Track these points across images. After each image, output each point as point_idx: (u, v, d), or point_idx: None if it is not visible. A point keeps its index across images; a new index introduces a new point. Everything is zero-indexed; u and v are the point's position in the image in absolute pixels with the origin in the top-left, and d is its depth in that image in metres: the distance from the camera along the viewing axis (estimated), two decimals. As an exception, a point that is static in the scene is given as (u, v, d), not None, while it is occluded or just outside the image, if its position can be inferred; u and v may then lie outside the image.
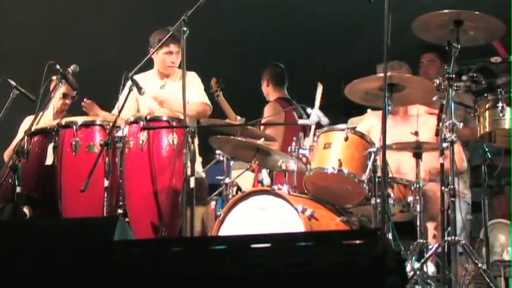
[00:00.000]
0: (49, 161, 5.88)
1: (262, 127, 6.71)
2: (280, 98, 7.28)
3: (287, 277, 2.70)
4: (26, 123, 6.93)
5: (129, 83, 5.56)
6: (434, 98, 5.08)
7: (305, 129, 6.93)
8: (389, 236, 4.70)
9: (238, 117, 6.65)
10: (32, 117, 6.75)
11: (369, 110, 6.65)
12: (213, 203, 6.85)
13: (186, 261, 2.92)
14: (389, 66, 4.87)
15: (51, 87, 6.26)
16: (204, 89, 6.42)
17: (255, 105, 7.19)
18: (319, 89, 5.68)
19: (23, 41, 8.59)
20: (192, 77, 6.24)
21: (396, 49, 4.64)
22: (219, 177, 5.98)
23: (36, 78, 6.44)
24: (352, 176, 5.21)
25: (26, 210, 5.82)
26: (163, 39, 5.76)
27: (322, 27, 8.69)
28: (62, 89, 6.66)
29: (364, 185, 5.18)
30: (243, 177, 6.39)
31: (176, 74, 6.35)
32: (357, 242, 2.72)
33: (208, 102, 6.35)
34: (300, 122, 5.83)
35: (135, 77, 5.72)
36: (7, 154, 6.88)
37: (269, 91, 7.36)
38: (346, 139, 5.29)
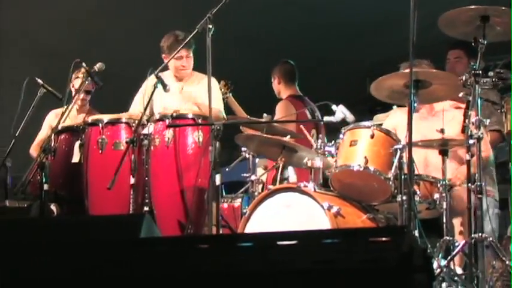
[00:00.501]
0: (76, 158, 5.93)
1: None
2: (292, 95, 7.25)
3: (313, 274, 2.69)
4: (50, 118, 6.98)
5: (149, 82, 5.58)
6: (460, 95, 5.04)
7: (317, 126, 6.93)
8: (416, 233, 4.67)
9: (265, 115, 6.64)
10: (56, 111, 6.82)
11: (394, 107, 6.61)
12: (238, 201, 6.87)
13: (212, 258, 2.92)
14: (409, 65, 4.82)
15: (73, 84, 6.32)
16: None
17: (277, 102, 7.18)
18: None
19: (51, 39, 8.65)
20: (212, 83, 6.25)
21: (422, 45, 4.61)
22: (245, 175, 5.98)
23: (62, 76, 6.51)
24: (378, 174, 5.19)
25: (53, 207, 5.86)
26: (179, 46, 5.81)
27: (347, 24, 8.66)
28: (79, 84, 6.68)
29: (390, 183, 5.16)
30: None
31: (192, 79, 6.33)
32: (384, 239, 2.71)
33: (222, 110, 6.33)
34: (326, 119, 5.81)
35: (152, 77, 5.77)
36: (33, 149, 6.94)
37: (281, 89, 7.33)
38: (372, 136, 5.26)
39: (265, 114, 6.70)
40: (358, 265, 2.63)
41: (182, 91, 6.33)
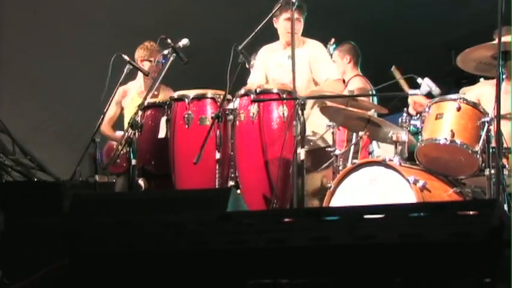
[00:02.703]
0: (162, 134, 6.01)
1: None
2: (359, 75, 7.24)
3: (401, 248, 2.69)
4: (119, 93, 7.01)
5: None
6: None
7: None
8: (505, 207, 4.60)
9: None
10: (124, 87, 6.89)
11: (481, 79, 6.49)
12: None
13: (298, 232, 2.94)
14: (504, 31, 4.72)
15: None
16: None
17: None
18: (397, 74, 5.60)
19: (137, 15, 8.75)
20: (318, 47, 6.25)
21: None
22: (329, 149, 5.96)
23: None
24: (465, 147, 5.12)
25: (140, 182, 5.95)
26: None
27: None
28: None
29: (478, 156, 5.08)
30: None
31: (299, 43, 6.27)
32: (472, 213, 2.68)
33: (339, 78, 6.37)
34: (411, 92, 5.74)
35: (262, 49, 5.79)
36: (104, 127, 6.91)
37: (348, 68, 7.30)
38: (459, 109, 5.18)
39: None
40: (446, 239, 2.61)
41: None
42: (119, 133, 6.69)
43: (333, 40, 7.23)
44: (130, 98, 6.90)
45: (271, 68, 6.21)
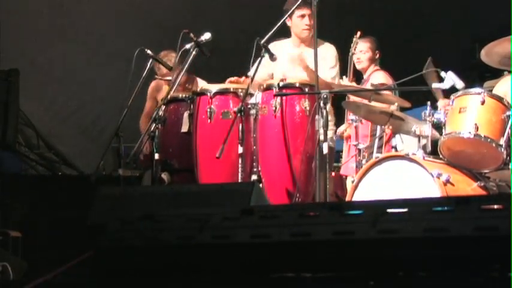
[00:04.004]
0: (185, 128, 6.03)
1: None
2: (380, 69, 7.19)
3: (425, 242, 2.67)
4: (152, 88, 7.08)
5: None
6: None
7: None
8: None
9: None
10: (157, 81, 6.94)
11: (505, 73, 6.45)
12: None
13: (321, 226, 2.93)
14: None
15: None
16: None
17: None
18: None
19: (159, 10, 8.77)
20: (327, 50, 6.22)
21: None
22: (354, 143, 5.96)
23: (171, 48, 6.61)
24: (489, 141, 5.09)
25: (163, 176, 5.98)
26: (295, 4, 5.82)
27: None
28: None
29: (502, 150, 5.05)
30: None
31: (311, 43, 6.28)
32: (497, 207, 2.66)
33: (337, 80, 6.29)
34: (435, 86, 5.71)
35: (271, 44, 5.79)
36: (141, 121, 7.07)
37: (372, 63, 7.22)
38: (483, 103, 5.16)
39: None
40: (470, 233, 2.60)
41: (302, 55, 6.31)
42: None
43: (359, 33, 7.19)
44: (164, 91, 6.92)
45: (279, 63, 6.09)
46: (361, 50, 7.12)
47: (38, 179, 8.11)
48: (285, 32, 6.40)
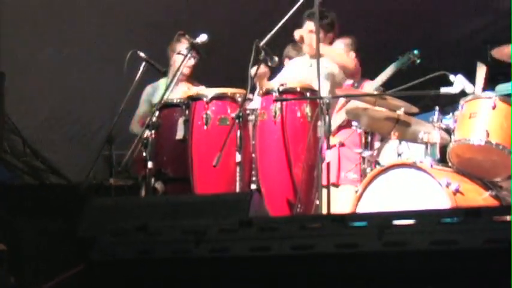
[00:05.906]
0: (180, 135, 6.02)
1: None
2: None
3: (432, 256, 2.69)
4: (147, 92, 7.08)
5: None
6: None
7: None
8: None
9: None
10: (153, 85, 6.95)
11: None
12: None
13: (323, 239, 2.94)
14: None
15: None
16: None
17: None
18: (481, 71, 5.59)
19: (153, 11, 8.77)
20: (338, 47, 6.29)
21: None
22: (357, 150, 5.96)
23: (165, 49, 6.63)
24: (501, 148, 5.10)
25: (157, 186, 5.97)
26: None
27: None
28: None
29: (515, 157, 5.07)
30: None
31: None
32: (509, 218, 2.67)
33: (351, 59, 6.40)
34: (443, 90, 5.72)
35: (292, 61, 5.84)
36: (133, 126, 7.05)
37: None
38: (494, 107, 5.17)
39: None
40: (480, 246, 2.61)
41: (314, 66, 6.32)
42: None
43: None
44: (159, 95, 6.92)
45: (295, 74, 6.18)
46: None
47: (24, 188, 8.11)
48: (285, 35, 6.42)
